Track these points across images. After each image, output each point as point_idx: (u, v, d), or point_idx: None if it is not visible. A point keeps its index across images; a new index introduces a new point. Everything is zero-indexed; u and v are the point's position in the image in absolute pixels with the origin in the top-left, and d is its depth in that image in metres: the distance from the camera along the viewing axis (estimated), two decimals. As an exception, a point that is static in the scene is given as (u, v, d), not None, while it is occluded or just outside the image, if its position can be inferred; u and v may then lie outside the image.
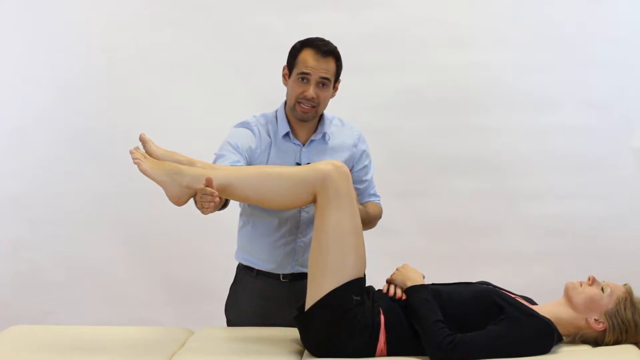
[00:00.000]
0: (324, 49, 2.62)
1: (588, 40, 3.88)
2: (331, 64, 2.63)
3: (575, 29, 3.89)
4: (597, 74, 3.89)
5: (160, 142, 2.54)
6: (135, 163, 2.35)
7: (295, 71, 2.64)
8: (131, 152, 2.37)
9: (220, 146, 2.68)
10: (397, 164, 3.86)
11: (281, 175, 2.42)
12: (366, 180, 2.82)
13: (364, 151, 2.82)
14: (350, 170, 2.74)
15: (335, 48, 2.65)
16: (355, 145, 2.79)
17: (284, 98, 2.74)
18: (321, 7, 3.91)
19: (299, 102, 2.64)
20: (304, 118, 2.67)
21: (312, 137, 2.73)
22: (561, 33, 3.89)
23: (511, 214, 3.96)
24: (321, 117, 2.75)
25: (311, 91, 2.62)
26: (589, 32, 3.88)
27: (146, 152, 2.43)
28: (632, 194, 3.91)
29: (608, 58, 3.88)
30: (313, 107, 2.64)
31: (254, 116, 2.77)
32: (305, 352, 2.43)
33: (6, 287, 4.01)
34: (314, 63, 2.61)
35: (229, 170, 2.46)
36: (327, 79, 2.63)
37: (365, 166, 2.82)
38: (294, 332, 2.54)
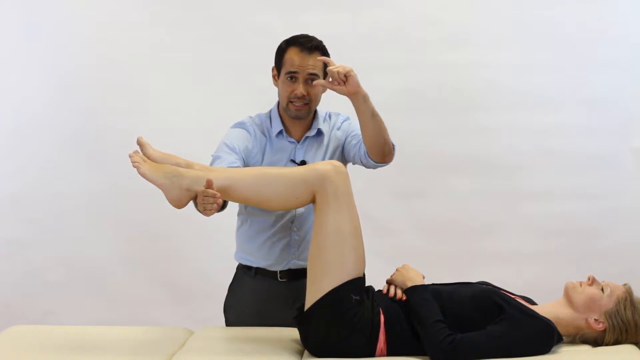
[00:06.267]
0: (308, 45, 2.64)
1: (588, 40, 3.88)
2: (318, 61, 2.64)
3: (575, 29, 3.89)
4: (597, 74, 3.89)
5: (160, 142, 2.55)
6: (134, 167, 2.37)
7: (283, 71, 2.67)
8: (130, 156, 2.38)
9: (216, 147, 2.70)
10: (396, 163, 3.82)
11: (280, 175, 2.43)
12: (358, 134, 2.74)
13: (349, 123, 2.80)
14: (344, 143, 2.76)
15: (320, 43, 2.68)
16: (346, 133, 2.79)
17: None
18: (321, 7, 3.91)
19: (291, 102, 2.66)
20: (298, 116, 2.69)
21: (307, 134, 2.75)
22: (561, 33, 3.89)
23: (511, 214, 3.96)
24: (315, 113, 2.77)
25: (301, 89, 2.64)
26: (589, 32, 3.88)
27: (143, 155, 2.44)
28: (632, 194, 3.91)
29: (608, 58, 3.88)
30: (305, 104, 2.67)
31: (250, 117, 2.80)
32: (305, 352, 2.44)
33: (6, 287, 4.01)
34: (300, 60, 2.63)
35: (228, 171, 2.47)
36: (315, 74, 2.64)
37: (353, 129, 2.77)
38: (293, 332, 2.54)
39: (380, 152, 2.65)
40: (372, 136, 2.61)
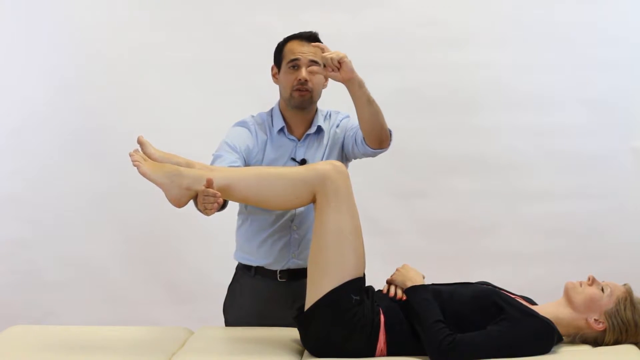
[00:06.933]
0: (307, 35, 2.71)
1: (588, 40, 3.88)
2: (317, 49, 2.66)
3: (575, 29, 3.89)
4: (597, 74, 3.89)
5: (160, 142, 2.55)
6: (135, 166, 2.37)
7: (284, 63, 2.70)
8: (131, 155, 2.38)
9: (217, 146, 2.70)
10: (396, 163, 3.86)
11: (280, 175, 2.43)
12: (356, 126, 2.75)
13: (348, 120, 2.81)
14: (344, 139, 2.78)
15: (317, 35, 2.73)
16: (344, 129, 2.80)
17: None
18: (321, 7, 3.91)
19: (295, 90, 2.68)
20: (302, 104, 2.70)
21: (308, 132, 2.75)
22: (561, 33, 3.89)
23: (511, 214, 3.96)
24: (316, 111, 2.77)
25: (303, 73, 2.66)
26: (589, 32, 3.88)
27: (144, 154, 2.44)
28: (632, 194, 3.91)
29: (608, 58, 3.88)
30: (308, 90, 2.68)
31: (251, 116, 2.81)
32: (305, 352, 2.44)
33: (6, 287, 4.01)
34: (301, 48, 2.68)
35: (228, 171, 2.47)
36: (316, 62, 2.66)
37: (352, 126, 2.78)
38: (293, 332, 2.54)
39: (378, 137, 2.66)
40: (369, 122, 2.61)
